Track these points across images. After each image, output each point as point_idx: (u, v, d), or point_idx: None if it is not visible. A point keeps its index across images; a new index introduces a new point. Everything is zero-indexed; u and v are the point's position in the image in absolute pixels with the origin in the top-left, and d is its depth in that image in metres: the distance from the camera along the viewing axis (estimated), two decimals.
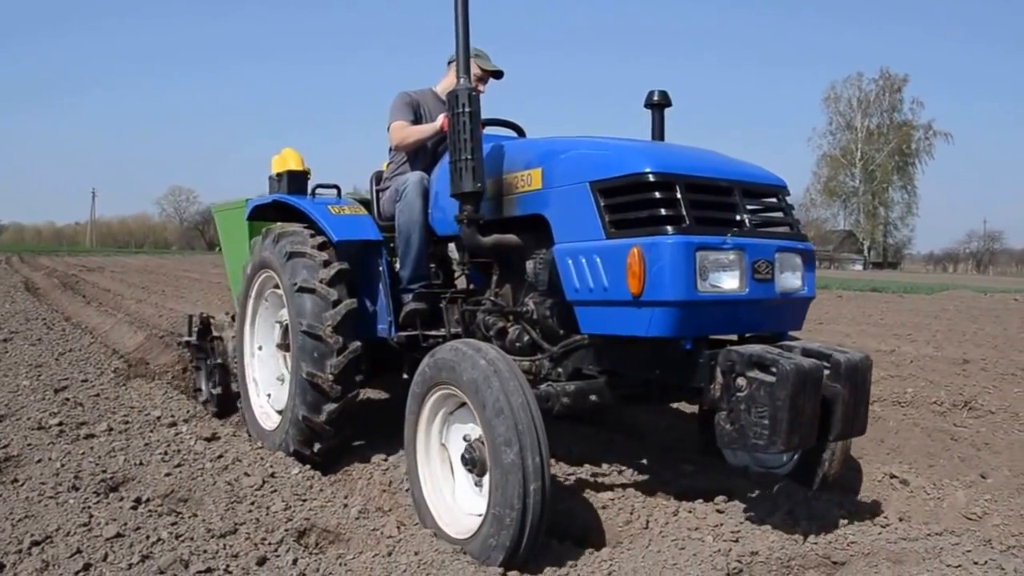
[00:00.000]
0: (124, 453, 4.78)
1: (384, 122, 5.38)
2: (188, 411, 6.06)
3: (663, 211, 3.50)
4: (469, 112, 4.07)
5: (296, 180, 5.99)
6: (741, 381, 3.39)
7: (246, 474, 4.51)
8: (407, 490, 4.63)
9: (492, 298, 4.66)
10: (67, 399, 6.32)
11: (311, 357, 4.84)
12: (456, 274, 5.26)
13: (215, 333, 6.86)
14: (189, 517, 3.84)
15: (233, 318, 6.81)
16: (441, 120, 4.92)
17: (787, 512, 3.98)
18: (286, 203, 5.67)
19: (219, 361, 6.63)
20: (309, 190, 5.80)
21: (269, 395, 5.70)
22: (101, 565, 3.28)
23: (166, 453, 4.85)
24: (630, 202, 3.61)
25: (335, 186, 5.77)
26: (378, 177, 5.74)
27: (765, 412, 3.28)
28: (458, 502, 3.89)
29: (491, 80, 5.50)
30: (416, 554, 3.54)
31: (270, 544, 3.56)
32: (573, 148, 4.02)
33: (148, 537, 3.54)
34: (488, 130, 4.85)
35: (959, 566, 3.34)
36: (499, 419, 3.36)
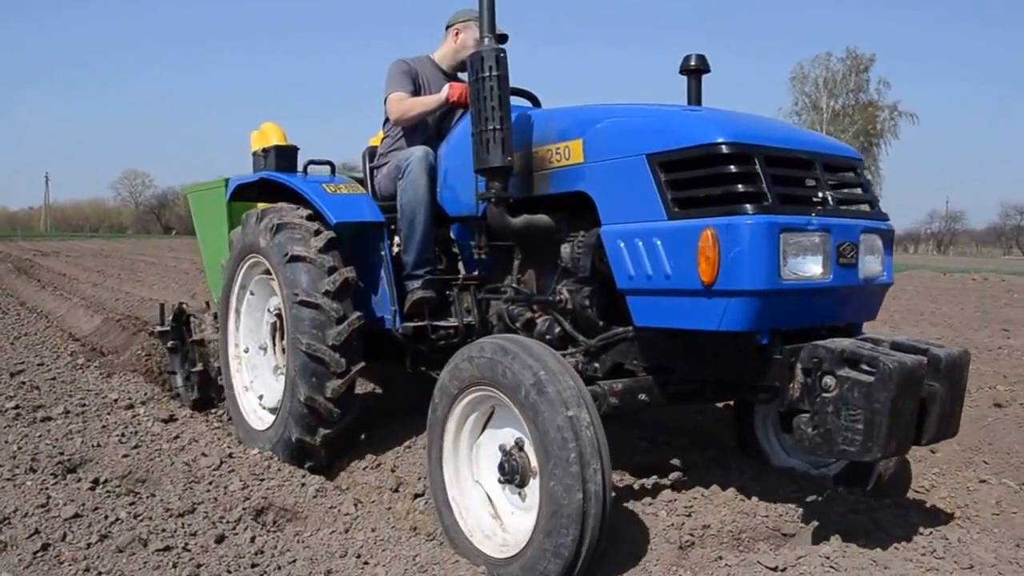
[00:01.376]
0: (81, 435, 4.77)
1: (379, 93, 4.99)
2: (146, 393, 6.04)
3: (740, 187, 3.07)
4: (497, 76, 3.64)
5: (284, 156, 5.44)
6: (829, 380, 3.03)
7: (204, 454, 4.53)
8: (365, 468, 4.67)
9: (514, 285, 4.23)
10: (23, 383, 6.26)
11: (309, 329, 4.41)
12: (460, 259, 4.84)
13: (193, 325, 6.38)
14: (147, 497, 3.85)
15: (208, 304, 6.52)
16: (446, 91, 4.57)
17: (739, 487, 4.06)
18: (275, 181, 5.16)
19: (197, 356, 6.22)
20: (300, 167, 5.26)
21: (262, 397, 5.20)
22: (60, 545, 3.30)
23: (123, 435, 4.85)
24: (699, 177, 3.18)
25: (328, 162, 5.26)
26: (371, 153, 5.32)
27: (859, 415, 2.94)
28: (493, 517, 3.50)
29: None
30: (373, 531, 3.60)
31: (228, 522, 3.60)
32: (623, 116, 3.60)
33: (106, 517, 3.55)
34: None
35: (905, 537, 3.45)
36: (553, 425, 2.96)
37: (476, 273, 4.59)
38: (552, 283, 3.97)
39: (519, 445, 3.26)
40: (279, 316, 4.98)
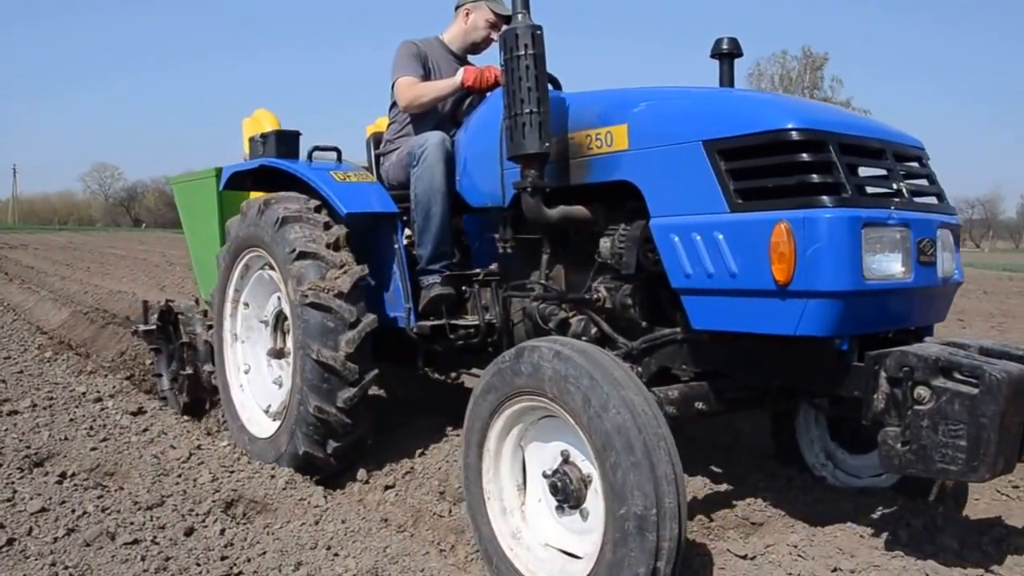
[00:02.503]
0: (48, 429, 4.73)
1: (385, 75, 4.72)
2: (114, 386, 5.99)
3: (816, 177, 2.78)
4: (533, 55, 3.32)
5: (286, 141, 4.97)
6: (922, 391, 2.73)
7: (172, 447, 4.50)
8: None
9: (542, 282, 3.88)
10: None
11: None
12: (472, 253, 4.53)
13: (181, 324, 5.87)
14: (115, 490, 3.83)
15: (197, 302, 6.19)
16: (461, 74, 4.34)
17: (708, 476, 4.10)
18: (277, 169, 4.73)
19: (187, 358, 5.75)
20: (304, 153, 4.81)
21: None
22: (26, 539, 3.27)
23: (92, 428, 4.81)
24: (767, 166, 2.88)
25: (335, 148, 4.86)
26: (377, 140, 5.02)
27: (962, 431, 2.64)
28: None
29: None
30: (343, 522, 3.59)
31: (197, 515, 3.58)
32: (673, 99, 3.32)
33: (74, 511, 3.52)
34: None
35: (871, 525, 3.49)
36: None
37: (494, 268, 4.28)
38: (587, 280, 3.66)
39: (565, 458, 2.93)
40: (281, 314, 4.70)
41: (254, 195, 5.15)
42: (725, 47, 3.92)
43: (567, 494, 2.89)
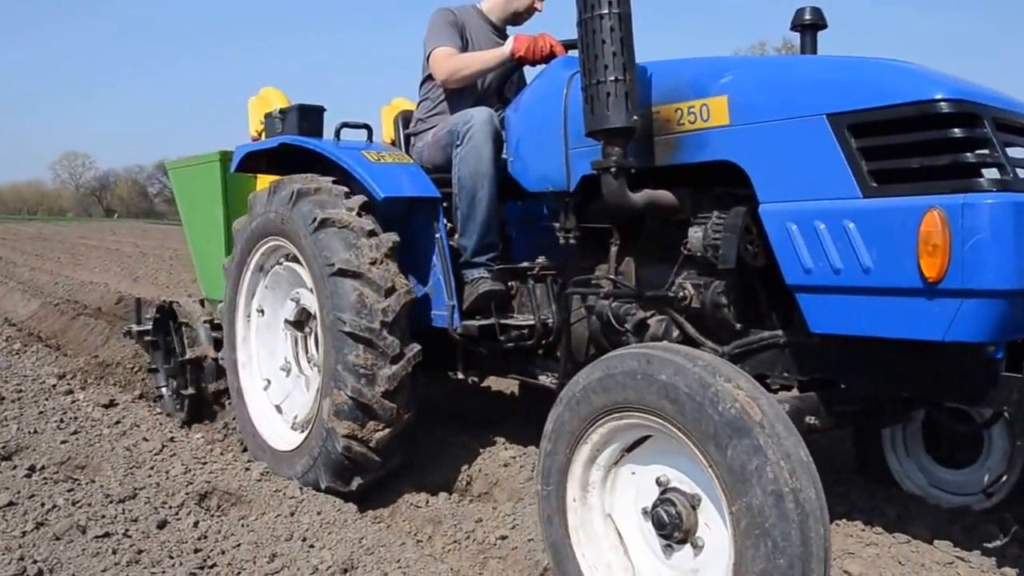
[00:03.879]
0: (17, 422, 4.66)
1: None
2: (85, 378, 5.92)
3: (971, 157, 2.38)
4: (618, 13, 2.87)
5: (308, 116, 4.49)
6: None
7: (145, 439, 4.45)
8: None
9: (612, 277, 3.41)
10: None
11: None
12: (514, 244, 4.16)
13: (183, 321, 5.42)
14: (86, 483, 3.78)
15: (202, 303, 5.74)
16: (511, 44, 3.95)
17: None
18: (301, 148, 4.23)
19: (190, 375, 5.28)
20: (333, 131, 4.25)
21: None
22: None
23: (62, 420, 4.74)
24: (909, 144, 2.47)
25: (365, 125, 4.33)
26: (406, 119, 4.62)
27: None
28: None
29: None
30: (319, 513, 3.57)
31: (170, 508, 3.54)
32: (787, 67, 2.95)
33: (43, 504, 3.47)
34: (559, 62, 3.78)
35: (846, 515, 3.54)
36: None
37: (541, 261, 3.85)
38: (668, 275, 3.22)
39: (664, 485, 2.55)
40: (305, 311, 4.33)
41: (262, 180, 4.90)
42: (808, 18, 3.47)
43: (675, 527, 2.47)
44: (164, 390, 5.67)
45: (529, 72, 4.34)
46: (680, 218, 3.17)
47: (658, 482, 2.58)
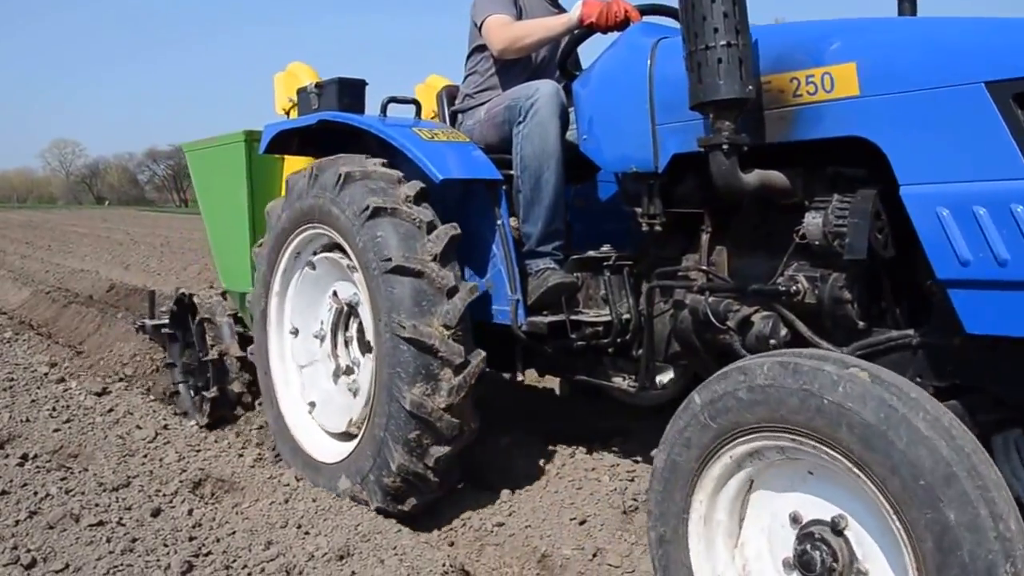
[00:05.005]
0: (9, 410, 4.63)
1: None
2: (78, 366, 5.89)
3: None
4: None
5: (350, 91, 4.17)
6: None
7: (138, 427, 4.42)
8: None
9: (704, 268, 3.08)
10: None
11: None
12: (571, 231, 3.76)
13: (204, 316, 5.16)
14: (79, 472, 3.75)
15: (224, 296, 5.42)
16: (579, 9, 3.57)
17: None
18: (345, 125, 3.86)
19: (212, 356, 5.04)
20: (373, 108, 3.88)
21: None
22: None
23: (54, 409, 4.71)
24: None
25: (414, 101, 4.00)
26: (451, 95, 4.29)
27: None
28: None
29: None
30: (314, 500, 3.55)
31: (164, 496, 3.52)
32: (931, 29, 2.55)
33: (36, 493, 3.45)
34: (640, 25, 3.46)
35: None
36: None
37: (607, 249, 3.57)
38: (772, 266, 2.88)
39: (835, 527, 2.15)
40: (348, 306, 3.96)
41: (289, 162, 4.68)
42: None
43: (826, 567, 2.13)
44: (181, 387, 5.48)
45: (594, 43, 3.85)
46: (790, 202, 2.81)
47: (791, 517, 2.24)
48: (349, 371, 4.00)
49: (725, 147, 2.61)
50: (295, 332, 4.15)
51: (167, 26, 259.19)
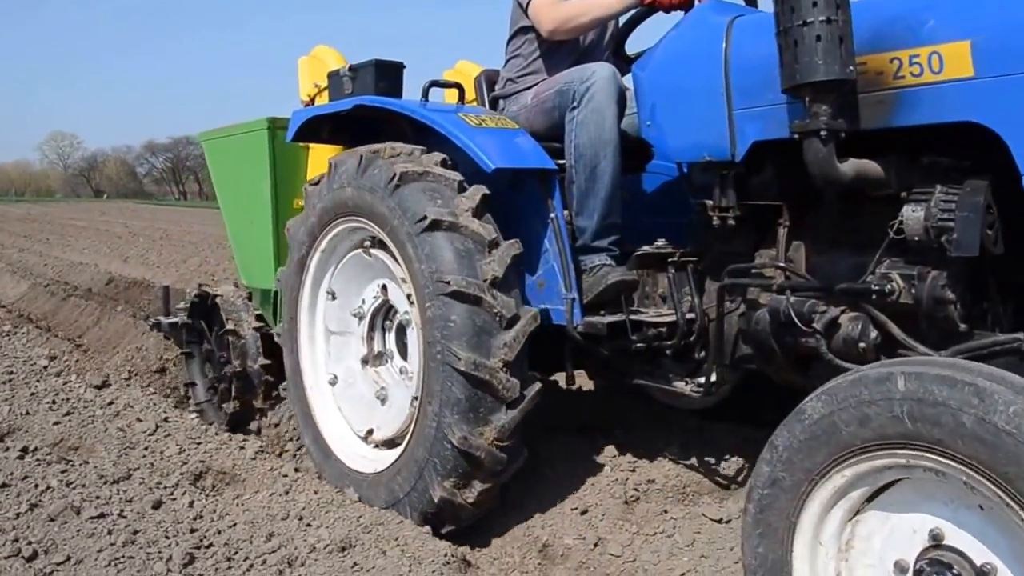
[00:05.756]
0: (9, 403, 4.62)
1: None
2: (77, 359, 5.89)
3: None
4: None
5: (387, 73, 3.93)
6: None
7: (139, 420, 4.42)
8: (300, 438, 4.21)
9: (782, 265, 2.85)
10: None
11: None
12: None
13: (224, 314, 4.93)
14: (80, 465, 3.75)
15: (251, 297, 5.11)
16: None
17: (682, 443, 4.09)
18: (384, 110, 3.61)
19: (235, 362, 4.81)
20: (421, 92, 3.61)
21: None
22: None
23: (54, 402, 4.71)
24: None
25: (457, 85, 3.86)
26: (490, 79, 4.04)
27: None
28: None
29: None
30: (315, 492, 3.55)
31: (165, 488, 3.52)
32: None
33: (36, 486, 3.45)
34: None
35: None
36: None
37: (659, 243, 3.35)
38: (858, 263, 2.67)
39: (938, 540, 1.93)
40: (384, 306, 3.81)
41: (315, 152, 4.50)
42: None
43: None
44: (199, 387, 5.34)
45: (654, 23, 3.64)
46: (881, 194, 2.60)
47: (932, 536, 1.95)
48: (379, 360, 3.87)
49: (823, 133, 2.42)
50: (332, 295, 3.91)
51: (165, 18, 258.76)
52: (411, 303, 3.36)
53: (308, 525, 3.27)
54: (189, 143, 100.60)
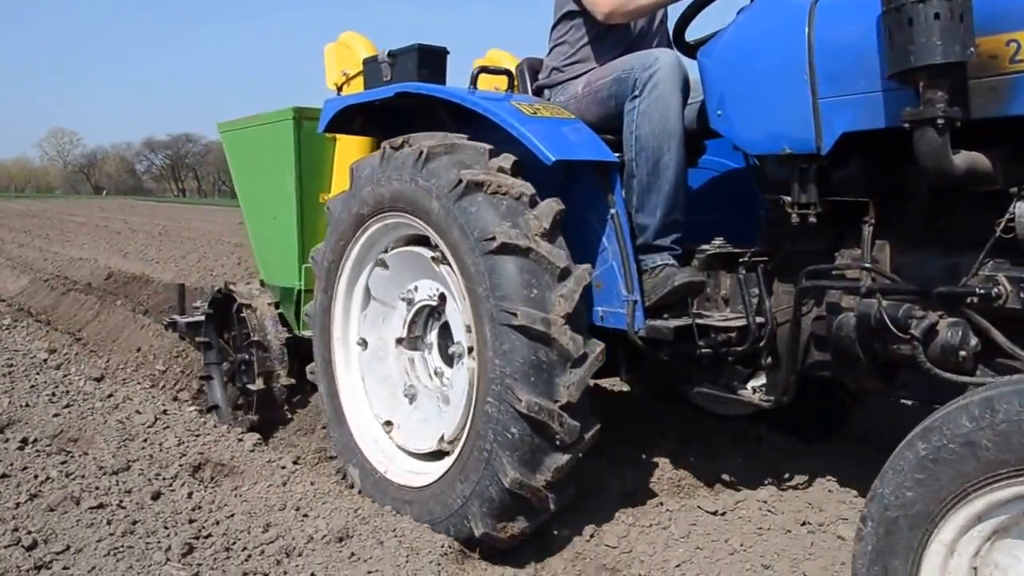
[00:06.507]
0: (9, 396, 4.63)
1: None
2: (77, 352, 5.90)
3: None
4: None
5: (430, 60, 3.75)
6: None
7: (138, 412, 4.43)
8: (300, 432, 4.35)
9: (867, 266, 2.61)
10: None
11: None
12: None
13: (248, 317, 4.68)
14: (80, 456, 3.76)
15: (279, 298, 4.84)
16: None
17: (678, 437, 4.11)
18: (431, 98, 3.38)
19: (257, 362, 4.61)
20: (469, 79, 3.46)
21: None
22: None
23: (54, 394, 4.72)
24: None
25: (507, 71, 3.66)
26: (534, 68, 3.84)
27: None
28: None
29: None
30: (312, 484, 3.57)
31: (164, 479, 3.53)
32: None
33: (36, 476, 3.46)
34: None
35: (839, 481, 3.55)
36: None
37: (716, 241, 3.18)
38: (957, 264, 2.47)
39: None
40: (431, 309, 3.57)
41: (342, 143, 4.33)
42: None
43: None
44: (216, 388, 5.16)
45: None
46: (986, 189, 2.39)
47: None
48: (414, 346, 3.68)
49: (940, 122, 2.20)
50: (384, 265, 3.61)
51: (165, 15, 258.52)
52: (467, 329, 3.11)
53: (305, 516, 3.29)
54: (188, 140, 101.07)
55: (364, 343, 3.71)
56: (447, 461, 3.23)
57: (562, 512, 3.43)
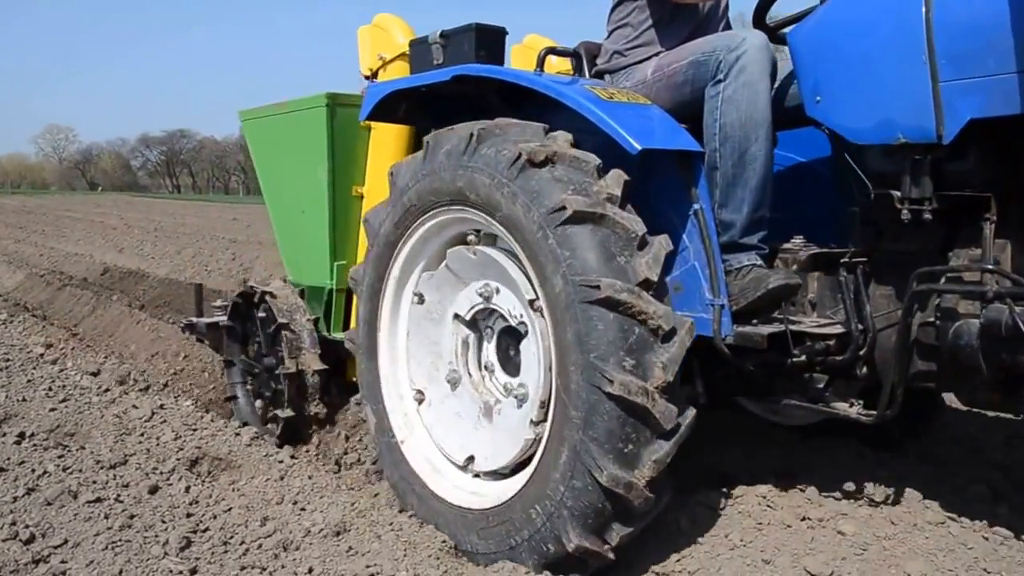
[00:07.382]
0: (5, 390, 4.63)
1: None
2: (73, 347, 5.89)
3: None
4: None
5: (488, 40, 3.50)
6: None
7: (134, 406, 4.42)
8: None
9: (991, 267, 2.37)
10: None
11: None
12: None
13: (278, 317, 4.35)
14: (77, 450, 3.76)
15: (303, 294, 4.53)
16: None
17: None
18: (496, 81, 3.09)
19: (289, 389, 4.32)
20: (536, 61, 3.20)
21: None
22: None
23: (50, 389, 4.71)
24: None
25: (575, 53, 3.42)
26: (591, 52, 3.50)
27: None
28: None
29: None
30: (310, 478, 3.57)
31: (161, 473, 3.53)
32: None
33: (33, 471, 3.45)
34: None
35: (837, 477, 3.54)
36: None
37: (796, 240, 2.96)
38: None
39: None
40: (485, 311, 3.19)
41: (377, 132, 4.07)
42: None
43: None
44: (238, 390, 4.87)
45: None
46: None
47: None
48: (477, 374, 3.29)
49: None
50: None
51: (160, 11, 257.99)
52: (534, 310, 2.82)
53: (303, 510, 3.28)
54: (183, 136, 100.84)
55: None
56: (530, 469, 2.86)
57: None
